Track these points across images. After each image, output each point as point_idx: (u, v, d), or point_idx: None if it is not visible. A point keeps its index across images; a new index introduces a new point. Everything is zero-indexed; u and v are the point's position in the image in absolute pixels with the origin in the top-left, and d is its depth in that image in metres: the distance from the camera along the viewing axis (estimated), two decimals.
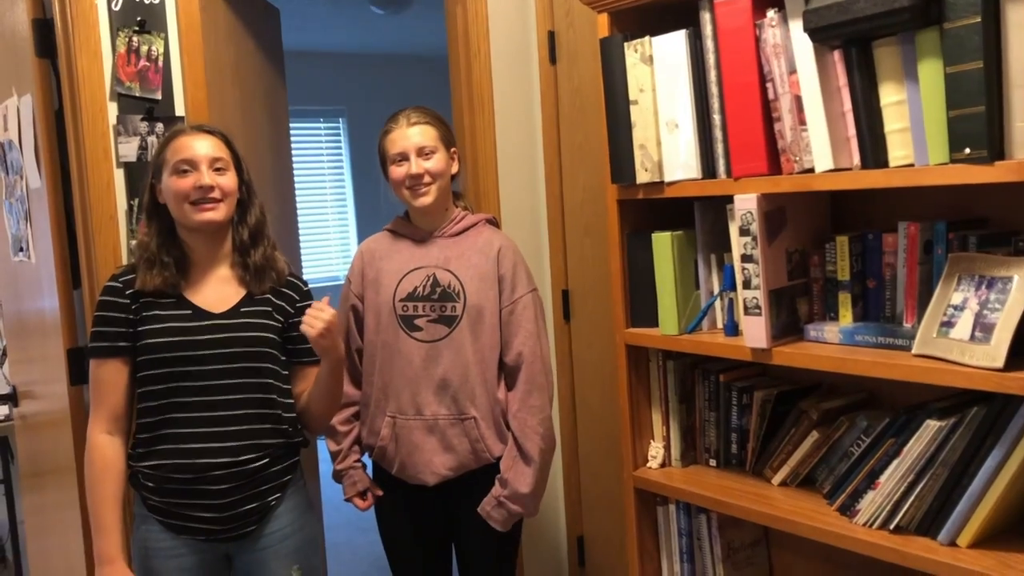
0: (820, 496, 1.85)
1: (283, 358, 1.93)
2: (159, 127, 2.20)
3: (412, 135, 2.08)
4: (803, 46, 1.64)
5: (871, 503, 1.69)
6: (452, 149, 2.16)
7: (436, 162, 2.09)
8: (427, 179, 2.08)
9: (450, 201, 2.19)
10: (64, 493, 2.40)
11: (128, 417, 1.88)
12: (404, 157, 2.08)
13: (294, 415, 1.94)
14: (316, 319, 1.81)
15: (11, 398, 2.95)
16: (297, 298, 1.97)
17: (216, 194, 1.83)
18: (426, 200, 2.09)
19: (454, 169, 2.16)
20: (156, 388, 1.82)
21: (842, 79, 1.61)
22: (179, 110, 2.24)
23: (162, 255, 1.85)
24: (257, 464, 1.85)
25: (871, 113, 1.58)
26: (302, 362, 1.97)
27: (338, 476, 2.21)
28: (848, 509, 1.74)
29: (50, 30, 2.23)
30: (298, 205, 3.26)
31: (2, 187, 2.76)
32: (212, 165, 1.83)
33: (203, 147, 1.84)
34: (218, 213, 1.83)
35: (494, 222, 2.25)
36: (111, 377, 1.84)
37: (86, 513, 2.24)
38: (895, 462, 1.65)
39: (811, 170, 1.68)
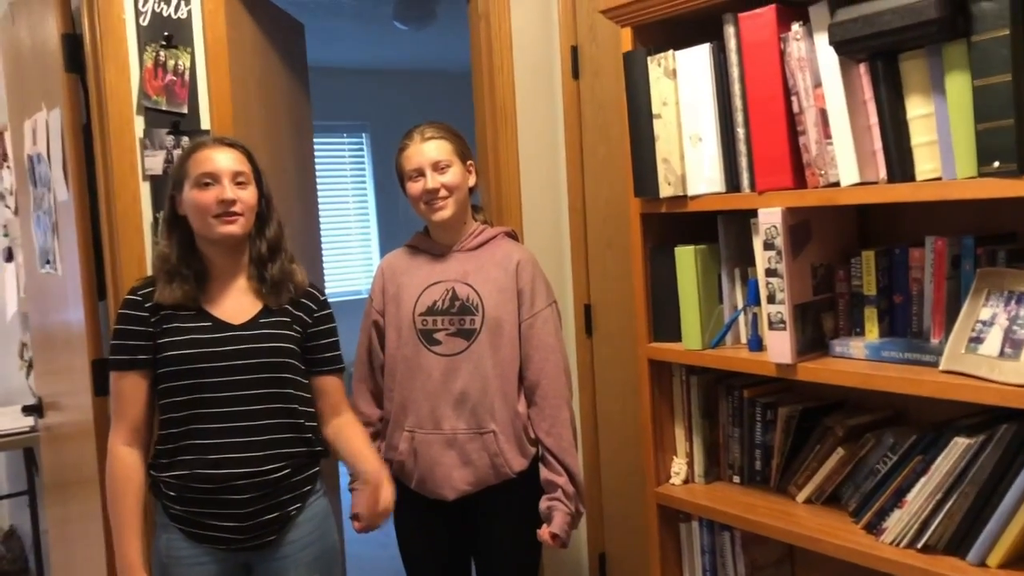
0: (846, 514, 1.83)
1: (303, 368, 1.95)
2: (185, 140, 2.21)
3: (427, 150, 2.09)
4: (828, 59, 1.63)
5: (898, 521, 1.66)
6: (468, 162, 2.16)
7: (452, 176, 2.09)
8: (443, 193, 2.09)
9: (468, 215, 2.20)
10: (88, 504, 2.41)
11: (148, 428, 1.89)
12: (420, 172, 2.09)
13: (315, 424, 1.96)
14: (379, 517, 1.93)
15: (36, 409, 2.97)
16: (315, 308, 1.99)
17: (238, 208, 1.84)
18: (443, 214, 2.10)
19: (471, 182, 2.17)
20: (178, 399, 1.83)
21: (868, 92, 1.60)
22: (205, 124, 2.26)
23: (182, 267, 1.86)
24: (279, 474, 1.86)
25: (897, 126, 1.56)
26: (320, 371, 1.99)
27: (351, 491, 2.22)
28: (875, 527, 1.72)
29: (79, 45, 2.26)
30: (321, 219, 3.27)
31: (30, 200, 2.79)
32: (234, 179, 1.85)
33: (226, 161, 1.85)
34: (238, 226, 1.85)
35: (513, 235, 2.25)
36: (131, 390, 1.85)
37: (109, 524, 2.25)
38: (923, 480, 1.63)
39: (837, 184, 1.66)
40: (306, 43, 3.09)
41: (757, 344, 1.90)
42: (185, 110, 2.23)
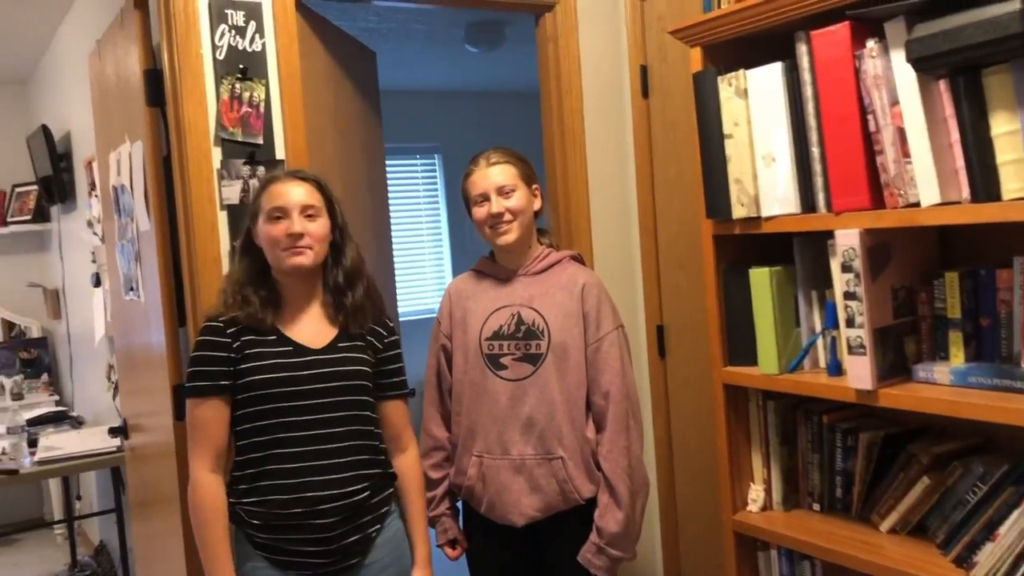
0: (933, 546, 1.76)
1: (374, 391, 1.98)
2: (260, 170, 2.26)
3: (492, 175, 2.10)
4: (906, 76, 1.58)
5: (990, 556, 1.59)
6: (533, 186, 2.16)
7: (516, 200, 2.10)
8: (508, 217, 2.09)
9: (534, 239, 2.19)
10: (169, 522, 2.47)
11: (227, 454, 1.91)
12: (485, 197, 2.10)
13: (386, 446, 1.99)
14: None
15: (121, 430, 3.06)
16: (385, 334, 2.02)
17: (306, 241, 1.87)
18: (508, 238, 2.10)
19: (536, 206, 2.17)
20: (261, 424, 1.85)
21: (948, 109, 1.55)
22: (280, 154, 2.30)
23: (246, 292, 1.90)
24: (360, 496, 1.88)
25: (981, 144, 1.51)
26: (386, 396, 2.01)
27: (431, 522, 2.22)
28: (965, 561, 1.65)
29: (159, 80, 2.34)
30: (394, 239, 3.31)
31: (115, 229, 2.89)
32: (303, 212, 1.88)
33: (296, 194, 1.89)
34: (306, 259, 1.88)
35: (579, 259, 2.24)
36: (214, 416, 1.86)
37: (189, 542, 2.31)
38: (1016, 512, 1.55)
39: (917, 204, 1.61)
40: (378, 69, 3.13)
41: (836, 369, 1.84)
42: (260, 141, 2.28)
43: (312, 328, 1.93)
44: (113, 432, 3.14)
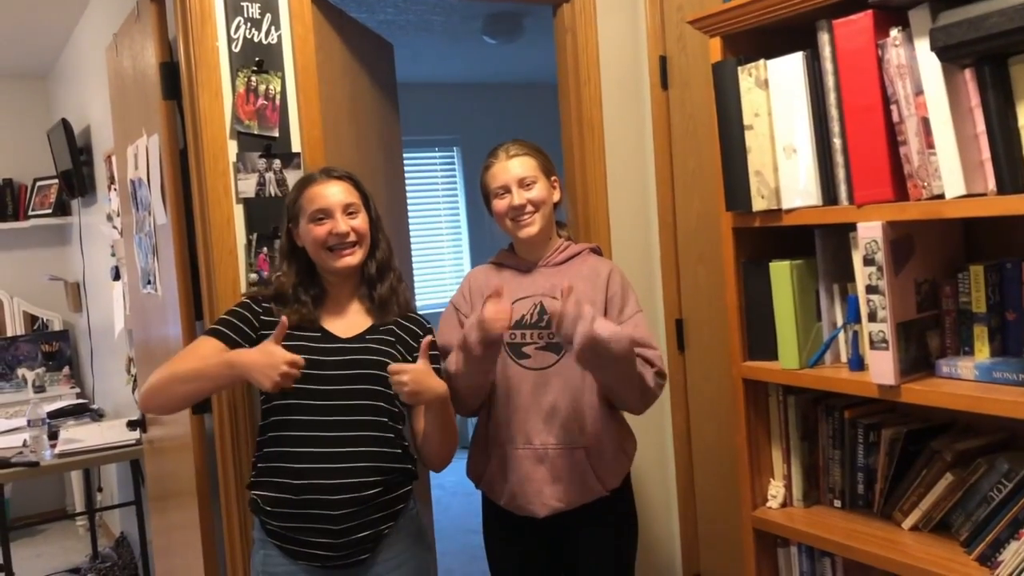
0: (956, 543, 1.73)
1: None
2: (276, 164, 2.25)
3: (512, 167, 2.09)
4: (930, 65, 1.55)
5: (1015, 554, 1.56)
6: (553, 178, 2.16)
7: (537, 191, 2.09)
8: (529, 208, 2.08)
9: (553, 231, 2.19)
10: (187, 515, 2.47)
11: None
12: (506, 189, 2.09)
13: (407, 442, 1.97)
14: (398, 383, 1.82)
15: (140, 424, 3.07)
16: (420, 333, 2.02)
17: (352, 238, 1.92)
18: (530, 230, 2.09)
19: (556, 198, 2.16)
20: (282, 404, 1.88)
21: (974, 99, 1.51)
22: (295, 147, 2.29)
23: (299, 294, 1.95)
24: (372, 491, 1.87)
25: (1008, 134, 1.47)
26: None
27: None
28: (989, 559, 1.62)
29: (175, 73, 2.33)
30: (413, 232, 3.30)
31: (133, 223, 2.89)
32: (345, 211, 1.93)
33: (336, 194, 1.94)
34: (355, 258, 1.94)
35: (598, 251, 2.23)
36: (206, 350, 1.89)
37: (206, 536, 2.32)
38: None
39: (941, 196, 1.58)
40: (396, 61, 3.12)
41: (858, 363, 1.82)
42: (276, 134, 2.27)
43: (348, 319, 1.97)
44: (132, 425, 3.15)
